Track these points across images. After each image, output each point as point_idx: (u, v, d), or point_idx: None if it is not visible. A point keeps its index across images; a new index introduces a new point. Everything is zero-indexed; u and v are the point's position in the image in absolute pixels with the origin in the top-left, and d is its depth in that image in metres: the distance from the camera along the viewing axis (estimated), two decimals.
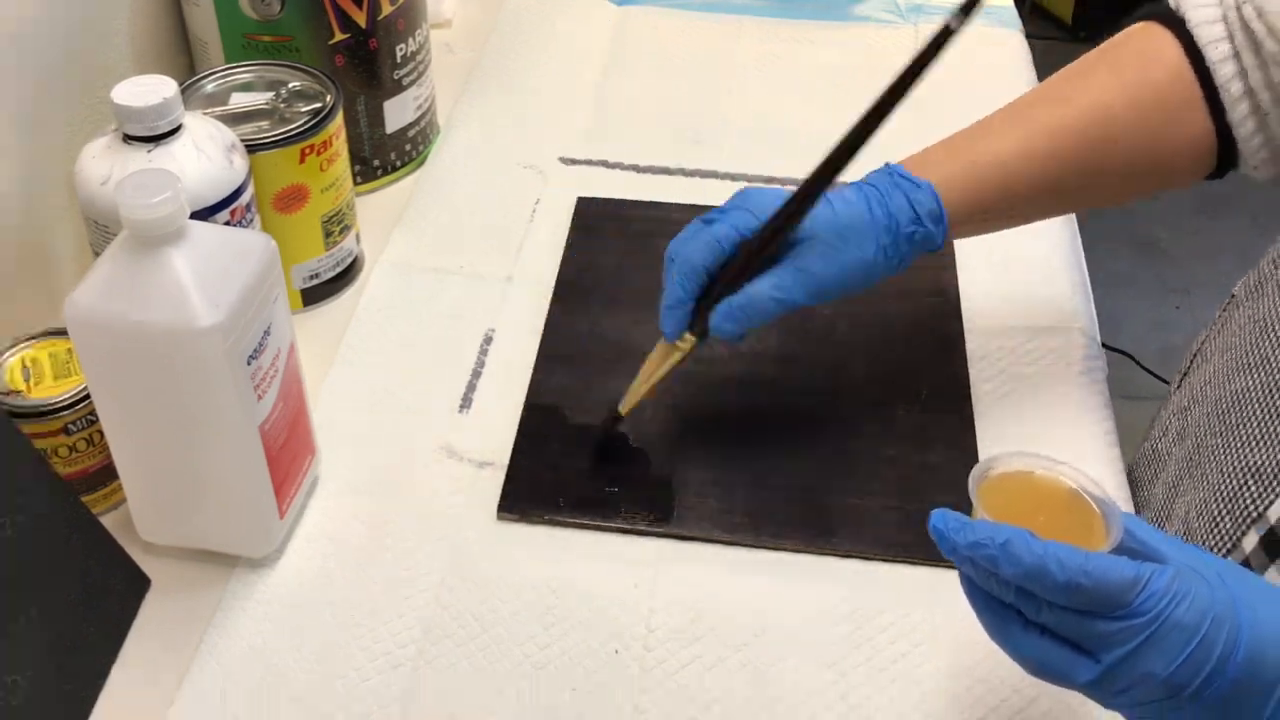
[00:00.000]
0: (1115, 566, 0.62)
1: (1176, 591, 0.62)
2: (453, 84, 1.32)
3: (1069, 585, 0.62)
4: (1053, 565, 0.62)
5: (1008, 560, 0.63)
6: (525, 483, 0.92)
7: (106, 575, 0.84)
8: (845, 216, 0.87)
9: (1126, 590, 0.62)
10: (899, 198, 0.89)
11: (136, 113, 0.86)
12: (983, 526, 0.64)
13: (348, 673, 0.82)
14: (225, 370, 0.77)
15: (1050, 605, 0.64)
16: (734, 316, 0.86)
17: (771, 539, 0.89)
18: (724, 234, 0.87)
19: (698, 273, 0.87)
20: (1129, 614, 0.62)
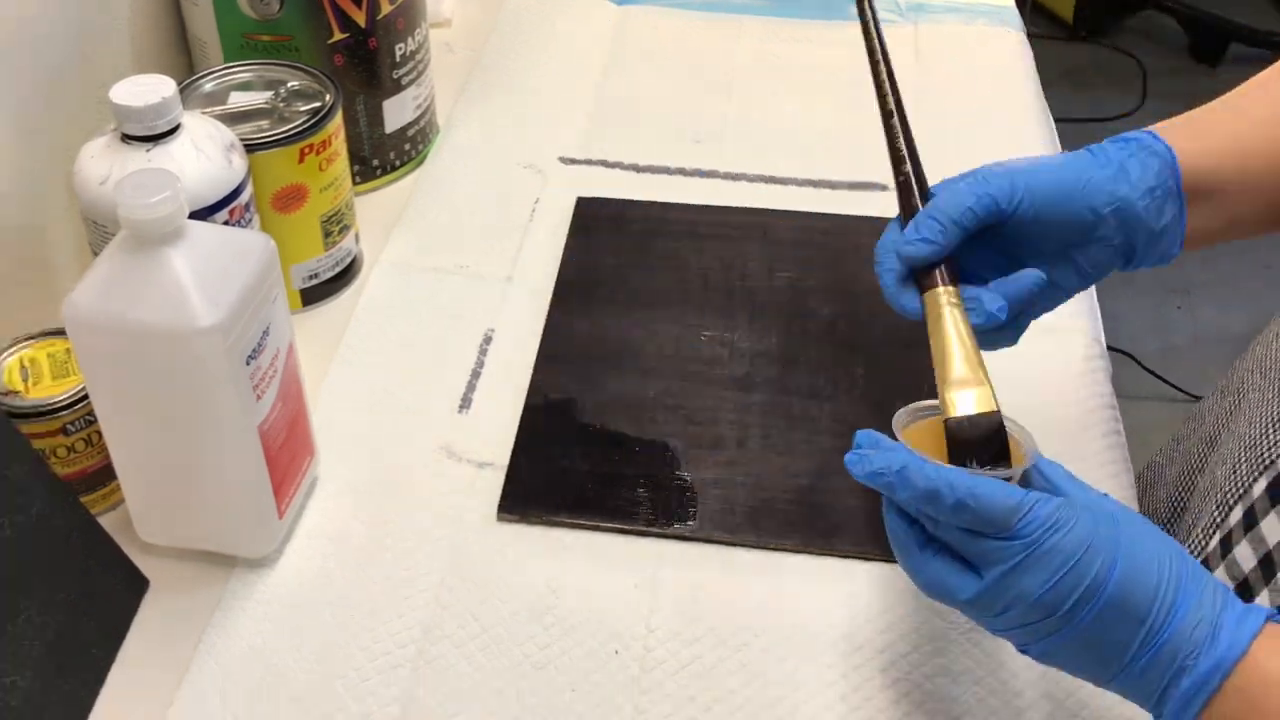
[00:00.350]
0: (1001, 490, 0.67)
1: (1057, 520, 0.67)
2: (452, 83, 1.32)
3: (957, 505, 0.67)
4: (943, 488, 0.67)
5: (902, 485, 0.69)
6: (525, 483, 0.92)
7: (105, 576, 0.84)
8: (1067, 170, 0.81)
9: (1010, 514, 0.67)
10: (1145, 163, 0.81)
11: (135, 112, 0.86)
12: (881, 456, 0.70)
13: (347, 673, 0.82)
14: (224, 370, 0.77)
15: (946, 524, 0.69)
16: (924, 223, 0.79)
17: (772, 539, 0.89)
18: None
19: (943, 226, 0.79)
20: (1011, 535, 0.67)
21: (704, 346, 1.03)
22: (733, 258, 1.11)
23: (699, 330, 1.04)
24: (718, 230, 1.14)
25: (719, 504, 0.91)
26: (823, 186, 1.20)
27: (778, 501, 0.91)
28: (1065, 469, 0.73)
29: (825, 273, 1.09)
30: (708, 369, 1.01)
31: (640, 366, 1.01)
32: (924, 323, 0.79)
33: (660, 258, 1.11)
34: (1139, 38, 3.27)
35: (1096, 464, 0.95)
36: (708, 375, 1.00)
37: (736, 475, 0.93)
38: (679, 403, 0.98)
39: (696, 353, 1.02)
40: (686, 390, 0.99)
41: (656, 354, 1.02)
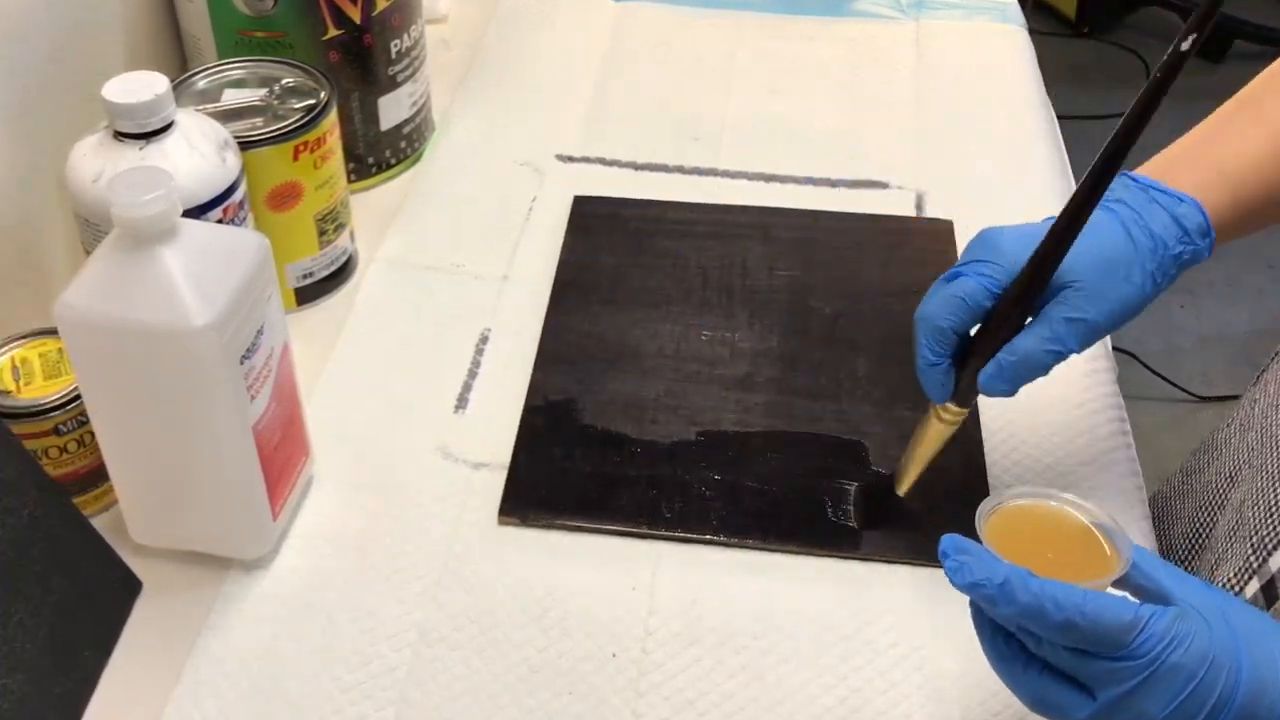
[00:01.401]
0: (1112, 607, 0.63)
1: (1176, 634, 0.63)
2: (449, 80, 1.32)
3: (1065, 624, 0.63)
4: (1049, 605, 0.63)
5: (1004, 600, 0.64)
6: (526, 486, 0.92)
7: (98, 578, 0.84)
8: (1105, 249, 0.81)
9: (1125, 632, 0.63)
10: (1160, 215, 0.82)
11: (128, 109, 0.86)
12: (980, 565, 0.65)
13: (342, 676, 0.82)
14: (218, 370, 0.77)
15: (1050, 642, 0.65)
16: (1005, 375, 0.80)
17: (775, 541, 0.89)
18: (968, 290, 0.80)
19: (944, 334, 0.81)
20: (1126, 655, 0.63)
21: (704, 346, 1.03)
22: (732, 256, 1.11)
23: (699, 330, 1.04)
24: (717, 228, 1.14)
25: (721, 505, 0.91)
26: (822, 184, 1.20)
27: (780, 503, 0.91)
28: (1156, 556, 0.69)
29: (826, 271, 1.09)
30: (708, 369, 1.01)
31: (640, 367, 1.01)
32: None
33: (659, 256, 1.11)
34: (1141, 34, 3.27)
35: (1103, 466, 0.95)
36: (708, 375, 1.00)
37: (738, 476, 0.93)
38: (679, 403, 0.98)
39: (697, 352, 1.02)
40: (687, 390, 0.99)
41: (656, 354, 1.02)
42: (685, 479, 0.93)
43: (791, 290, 1.08)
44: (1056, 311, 0.80)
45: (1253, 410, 0.98)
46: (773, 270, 1.09)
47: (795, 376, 1.00)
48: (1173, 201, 0.83)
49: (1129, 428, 0.99)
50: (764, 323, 1.05)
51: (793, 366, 1.01)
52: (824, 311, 1.06)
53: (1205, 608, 0.65)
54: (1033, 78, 1.34)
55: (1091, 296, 0.80)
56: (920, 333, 0.82)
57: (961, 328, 0.81)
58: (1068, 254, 0.78)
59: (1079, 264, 0.79)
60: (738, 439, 0.96)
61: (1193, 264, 0.84)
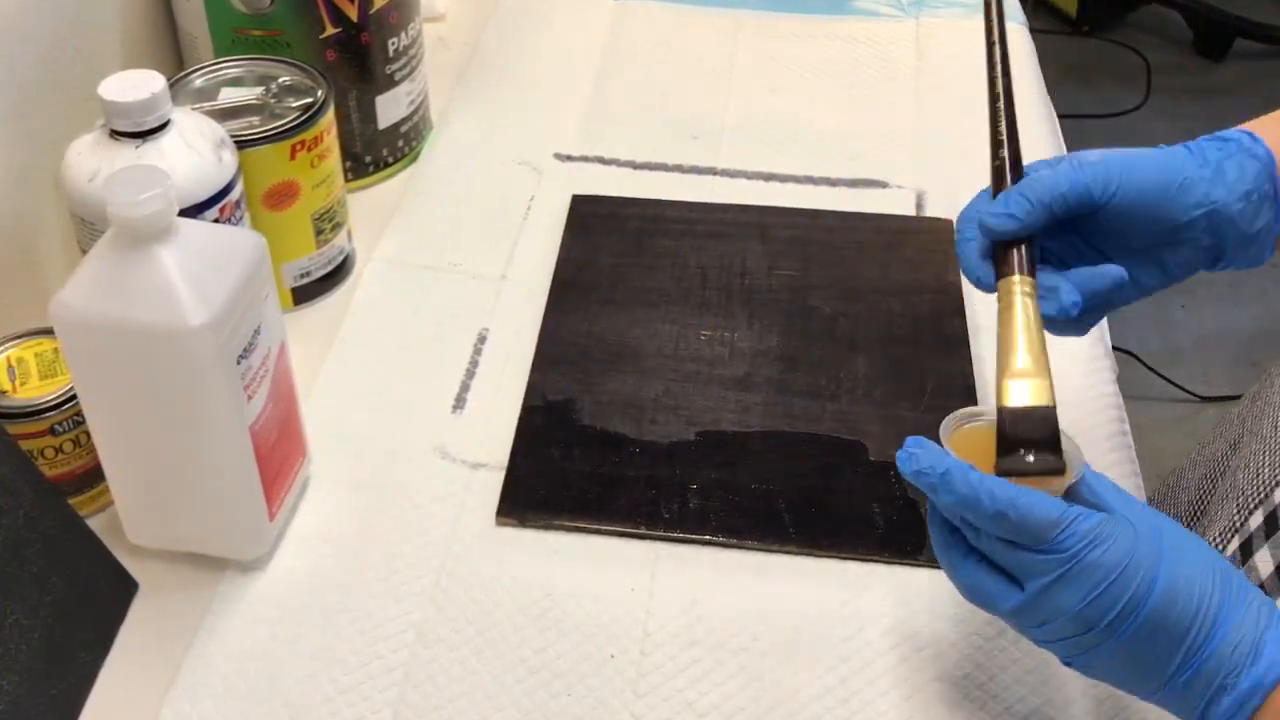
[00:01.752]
0: (1042, 504, 0.68)
1: (1098, 535, 0.67)
2: (446, 79, 1.32)
3: (997, 515, 0.68)
4: (984, 496, 0.68)
5: (945, 489, 0.69)
6: (524, 486, 0.92)
7: (94, 578, 0.84)
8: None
9: (1050, 527, 0.67)
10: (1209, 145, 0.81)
11: (124, 108, 0.86)
12: (928, 456, 0.70)
13: (340, 677, 0.82)
14: (215, 370, 0.77)
15: (988, 535, 0.70)
16: (1010, 198, 0.77)
17: (775, 542, 0.89)
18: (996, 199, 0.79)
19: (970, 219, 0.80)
20: (1049, 549, 0.68)
21: (703, 346, 1.03)
22: (731, 256, 1.11)
23: (698, 329, 1.04)
24: (716, 228, 1.14)
25: (720, 506, 0.91)
26: (822, 184, 1.20)
27: (780, 503, 0.91)
28: (1113, 482, 0.73)
29: (826, 270, 1.09)
30: (708, 369, 1.01)
31: (639, 367, 1.01)
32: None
33: (658, 256, 1.11)
34: (1143, 32, 3.27)
35: (1103, 466, 0.94)
36: (708, 375, 1.00)
37: (738, 477, 0.93)
38: (679, 403, 0.98)
39: (696, 352, 1.02)
40: (686, 390, 0.99)
41: (655, 354, 1.02)
42: (684, 479, 0.93)
43: (791, 290, 1.08)
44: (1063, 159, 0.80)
45: (1264, 383, 1.00)
46: (772, 270, 1.09)
47: (795, 376, 1.00)
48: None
49: (1128, 428, 0.99)
50: (763, 322, 1.05)
51: (792, 366, 1.01)
52: (823, 311, 1.06)
53: (1138, 520, 0.69)
54: (1034, 76, 1.34)
55: (1100, 155, 0.79)
56: (958, 226, 0.81)
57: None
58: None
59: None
60: (737, 439, 0.96)
61: (1251, 160, 0.80)
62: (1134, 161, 0.79)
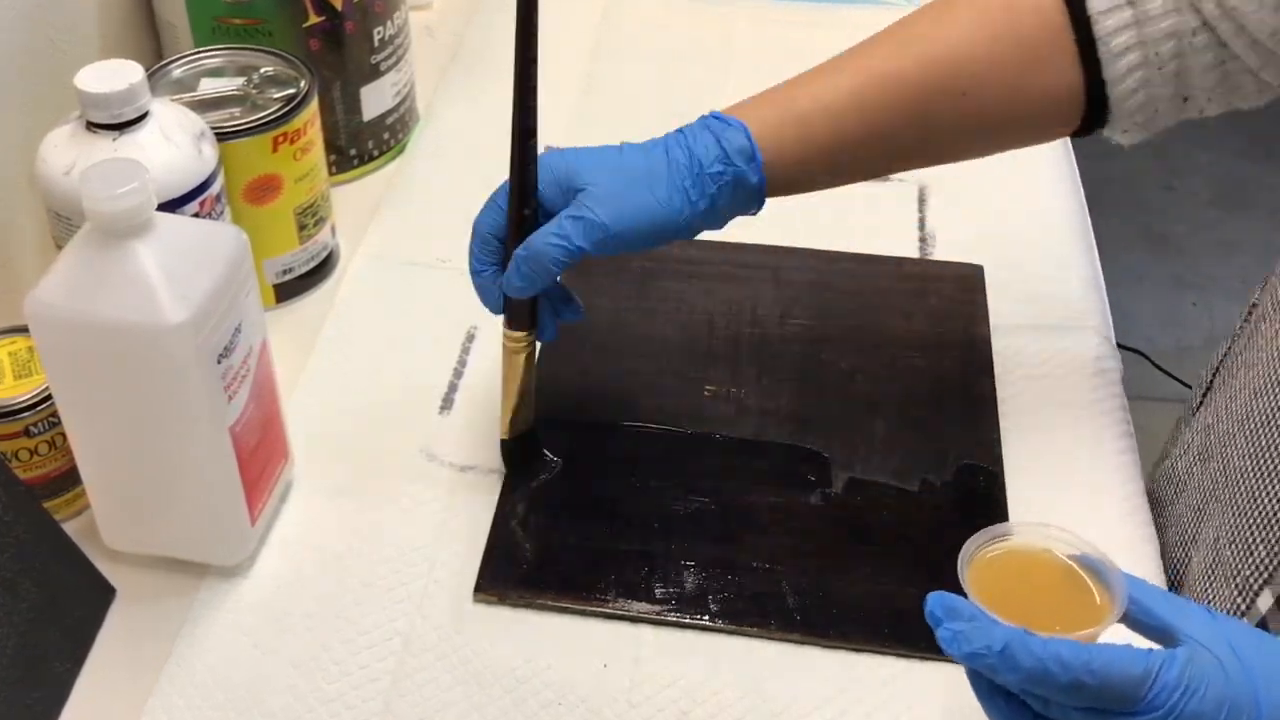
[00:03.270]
0: (1120, 661, 0.62)
1: (1189, 682, 0.62)
2: (433, 69, 1.32)
3: (1074, 685, 0.62)
4: (1054, 667, 0.62)
5: (1007, 667, 0.63)
6: (505, 560, 0.88)
7: (70, 584, 0.84)
8: (632, 160, 0.86)
9: (1137, 685, 0.62)
10: (705, 137, 0.86)
11: (101, 99, 0.87)
12: (977, 632, 0.64)
13: (323, 686, 0.82)
14: (194, 369, 0.77)
15: (1058, 703, 0.64)
16: (520, 271, 0.84)
17: (776, 629, 0.85)
18: (500, 194, 0.87)
19: (486, 240, 0.87)
20: (1141, 710, 0.62)
21: (707, 403, 0.98)
22: (741, 301, 1.06)
23: (702, 384, 1.00)
24: (726, 269, 1.09)
25: (719, 586, 0.86)
26: None
27: (784, 585, 0.87)
28: (1150, 585, 0.68)
29: (843, 320, 1.05)
30: (711, 429, 0.97)
31: (636, 425, 0.97)
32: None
33: (661, 300, 1.07)
34: None
35: (1108, 469, 0.95)
36: (711, 437, 0.96)
37: (741, 556, 0.88)
38: (678, 468, 0.94)
39: (699, 410, 0.98)
40: (687, 454, 0.95)
41: (655, 411, 0.98)
42: (680, 555, 0.88)
43: (804, 341, 1.03)
44: (567, 210, 0.85)
45: (1208, 437, 0.95)
46: (785, 318, 1.05)
47: (806, 440, 0.96)
48: (721, 126, 0.87)
49: (1132, 429, 0.98)
50: (773, 378, 1.00)
51: (803, 429, 0.97)
52: (839, 366, 1.01)
53: (1213, 643, 0.64)
54: None
55: (601, 200, 0.84)
56: (472, 242, 0.88)
57: (500, 230, 0.87)
58: (594, 164, 0.86)
59: (597, 172, 0.85)
60: (740, 511, 0.91)
61: (743, 189, 0.87)
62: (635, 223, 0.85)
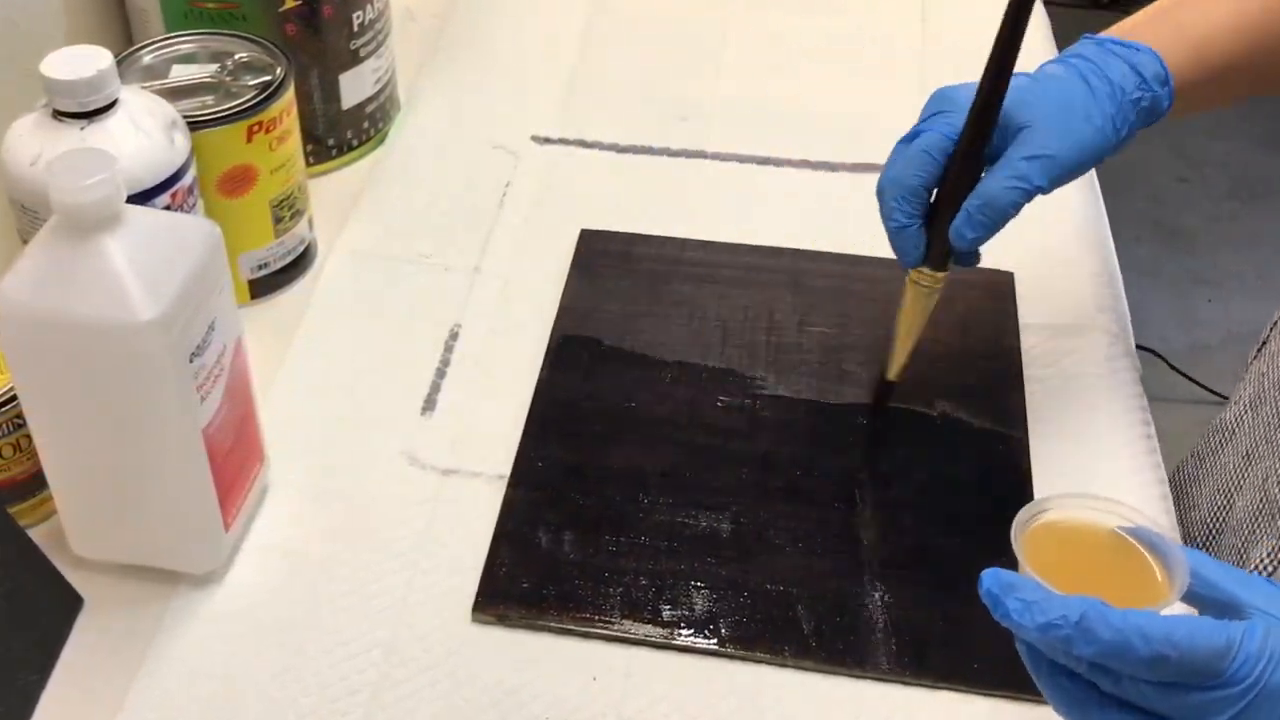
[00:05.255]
0: (1202, 632, 0.62)
1: (1272, 652, 0.62)
2: (415, 55, 1.32)
3: (1155, 658, 0.62)
4: (1136, 639, 0.62)
5: (1084, 639, 0.62)
6: (505, 577, 0.88)
7: (36, 593, 0.84)
8: (1062, 91, 0.88)
9: (1218, 658, 0.62)
10: (1116, 63, 0.89)
11: (68, 86, 0.87)
12: (1050, 603, 0.63)
13: (300, 699, 0.82)
14: (166, 368, 0.77)
15: (1131, 678, 0.64)
16: (974, 221, 0.86)
17: (790, 655, 0.84)
18: (931, 143, 0.87)
19: (915, 192, 0.88)
20: (1224, 683, 0.62)
21: (720, 416, 0.98)
22: (758, 308, 1.06)
23: (715, 395, 0.99)
24: (741, 273, 1.09)
25: (730, 609, 0.86)
26: (821, 168, 1.20)
27: (799, 609, 0.86)
28: (1209, 558, 0.68)
29: (865, 328, 1.04)
30: (724, 443, 0.96)
31: (645, 437, 0.96)
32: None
33: (674, 305, 1.06)
34: None
35: (1127, 472, 0.95)
36: (723, 451, 0.95)
37: (753, 577, 0.88)
38: (688, 483, 0.93)
39: (712, 423, 0.97)
40: (698, 468, 0.94)
41: (666, 422, 0.97)
42: (690, 575, 0.88)
43: (824, 350, 1.03)
44: (1016, 151, 0.86)
45: (1262, 385, 1.00)
46: (803, 326, 1.04)
47: (825, 457, 0.95)
48: (1129, 51, 0.90)
49: (1153, 431, 0.99)
50: (791, 389, 1.00)
51: (822, 444, 0.96)
52: (860, 377, 1.00)
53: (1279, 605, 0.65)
54: (1049, 53, 1.35)
55: (1050, 134, 0.86)
56: (888, 197, 0.88)
57: (931, 182, 0.88)
58: (1023, 101, 0.86)
59: (1035, 108, 0.87)
60: (754, 529, 0.90)
61: (1154, 114, 0.90)
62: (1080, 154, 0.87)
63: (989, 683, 0.82)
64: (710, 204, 1.17)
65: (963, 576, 0.82)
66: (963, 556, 0.87)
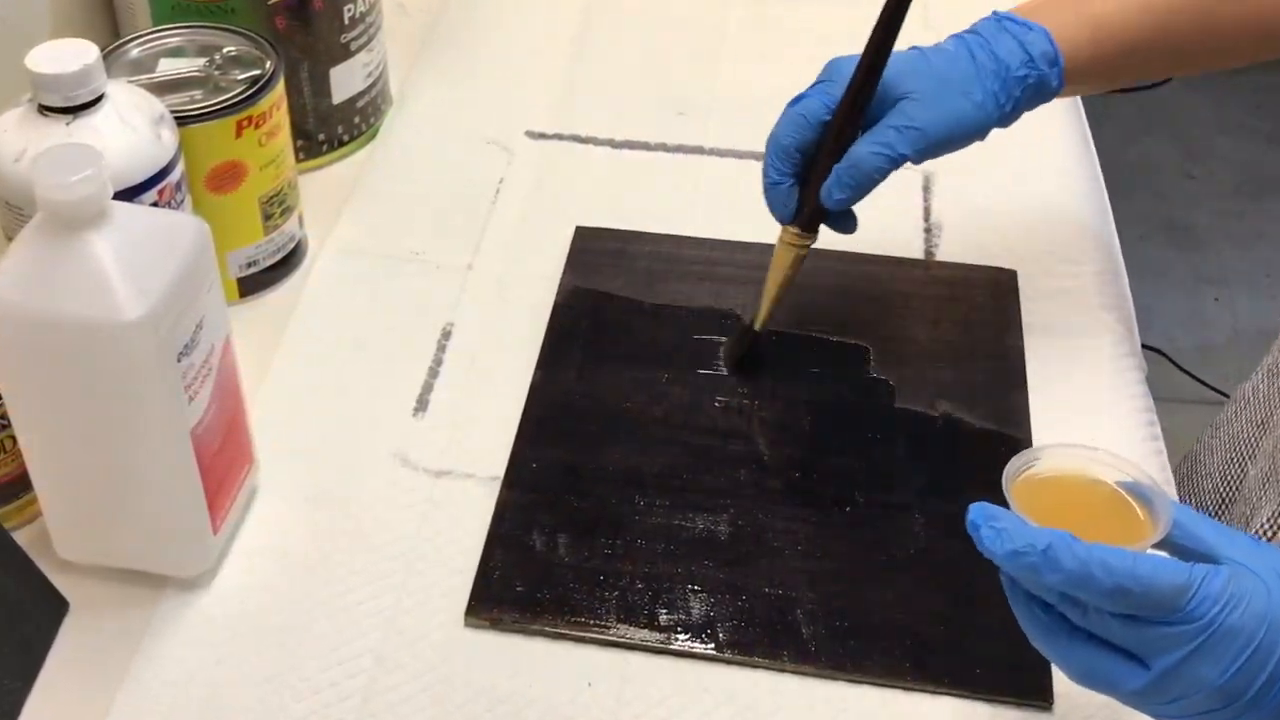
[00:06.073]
0: (1165, 569, 0.65)
1: (1231, 595, 0.65)
2: (407, 49, 1.32)
3: (1116, 590, 0.65)
4: (1098, 570, 0.65)
5: (1049, 567, 0.65)
6: (499, 581, 0.88)
7: (20, 597, 0.84)
8: (943, 65, 0.93)
9: (1178, 595, 0.65)
10: (1007, 41, 0.93)
11: (54, 81, 0.87)
12: (1021, 532, 0.67)
13: (290, 705, 0.82)
14: (153, 368, 0.77)
15: (1097, 610, 0.67)
16: (841, 183, 0.91)
17: (790, 661, 0.84)
18: (810, 108, 0.93)
19: (788, 151, 0.93)
20: (1181, 619, 0.65)
21: (719, 416, 0.98)
22: (756, 305, 1.03)
23: (713, 395, 0.99)
24: (740, 271, 1.08)
25: (728, 614, 0.86)
26: None
27: (799, 613, 0.86)
28: (1197, 513, 0.71)
29: (866, 327, 1.04)
30: (722, 444, 0.96)
31: (641, 438, 0.96)
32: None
33: (671, 303, 1.07)
34: None
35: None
36: (722, 452, 0.95)
37: (751, 580, 0.88)
38: (686, 485, 0.93)
39: (710, 423, 0.97)
40: (696, 469, 0.94)
41: (663, 422, 0.97)
42: (687, 579, 0.88)
43: (824, 349, 1.03)
44: (888, 121, 0.91)
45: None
46: (803, 324, 1.04)
47: (825, 457, 0.95)
48: (1022, 29, 0.94)
49: (1159, 432, 0.99)
50: (790, 389, 1.00)
51: (823, 445, 0.96)
52: (862, 377, 1.01)
53: (1258, 565, 0.67)
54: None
55: (923, 106, 0.91)
56: (767, 154, 0.94)
57: (804, 144, 0.93)
58: (905, 71, 0.91)
59: (915, 80, 0.92)
60: (752, 532, 0.90)
61: (1042, 92, 0.94)
62: (952, 128, 0.92)
63: (991, 688, 0.82)
64: (708, 201, 1.17)
65: (965, 579, 0.85)
66: (965, 559, 0.85)
